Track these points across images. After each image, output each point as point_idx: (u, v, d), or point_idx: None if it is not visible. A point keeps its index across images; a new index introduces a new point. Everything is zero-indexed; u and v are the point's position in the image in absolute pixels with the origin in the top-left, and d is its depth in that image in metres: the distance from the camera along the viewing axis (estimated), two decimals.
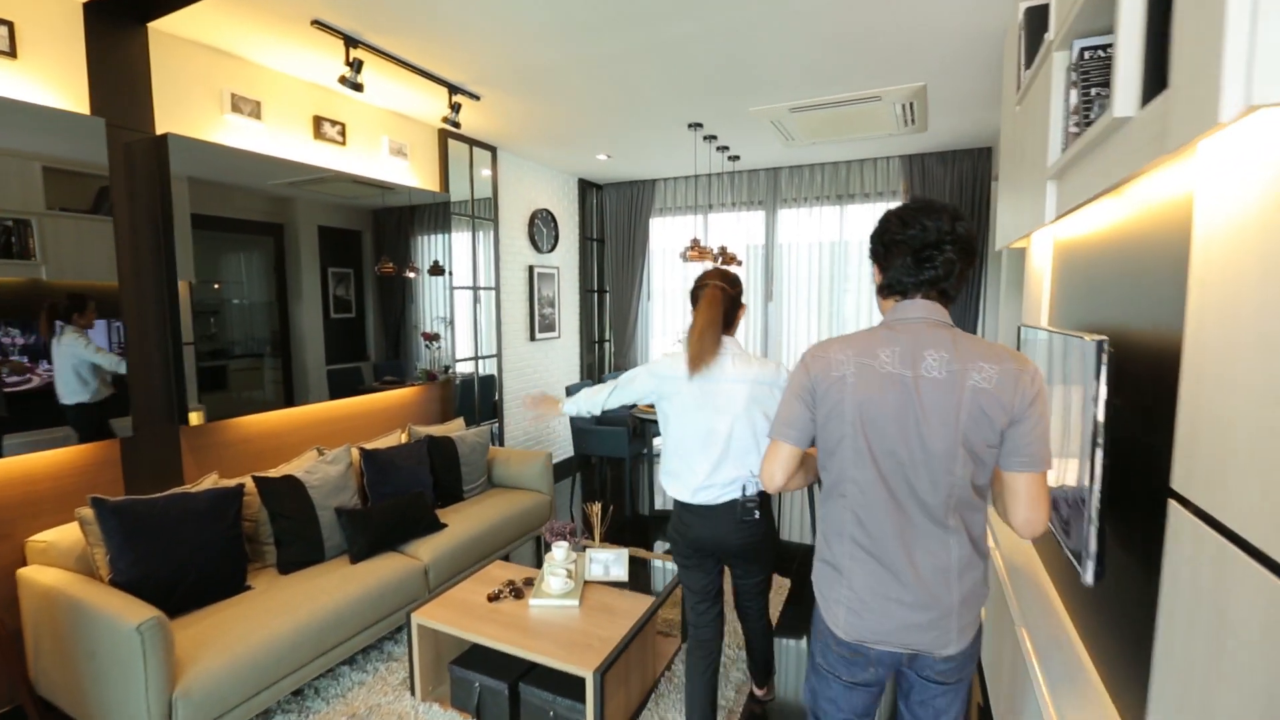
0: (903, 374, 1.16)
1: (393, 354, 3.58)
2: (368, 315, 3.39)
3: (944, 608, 1.18)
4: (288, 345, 2.96)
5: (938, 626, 1.19)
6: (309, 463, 2.66)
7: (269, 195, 2.81)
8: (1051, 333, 1.61)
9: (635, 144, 4.31)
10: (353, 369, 3.33)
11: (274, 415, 2.94)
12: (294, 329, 2.98)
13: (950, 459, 1.14)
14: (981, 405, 1.12)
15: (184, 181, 2.43)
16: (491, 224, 4.39)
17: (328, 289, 3.13)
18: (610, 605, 2.25)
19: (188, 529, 2.13)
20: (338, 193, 3.15)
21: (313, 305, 3.05)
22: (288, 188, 2.89)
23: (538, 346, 4.99)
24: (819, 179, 4.96)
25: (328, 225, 3.09)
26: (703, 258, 3.99)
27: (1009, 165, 2.26)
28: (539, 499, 3.45)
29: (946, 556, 1.17)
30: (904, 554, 1.18)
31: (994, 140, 4.18)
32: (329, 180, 3.10)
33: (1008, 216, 2.30)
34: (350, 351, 3.30)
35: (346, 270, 3.25)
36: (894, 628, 1.20)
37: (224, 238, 2.66)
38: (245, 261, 2.77)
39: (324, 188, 3.08)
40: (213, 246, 2.61)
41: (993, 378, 1.12)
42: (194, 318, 2.52)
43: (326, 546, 2.53)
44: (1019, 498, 1.15)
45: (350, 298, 3.28)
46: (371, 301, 3.41)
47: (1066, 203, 1.50)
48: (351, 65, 2.58)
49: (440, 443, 3.24)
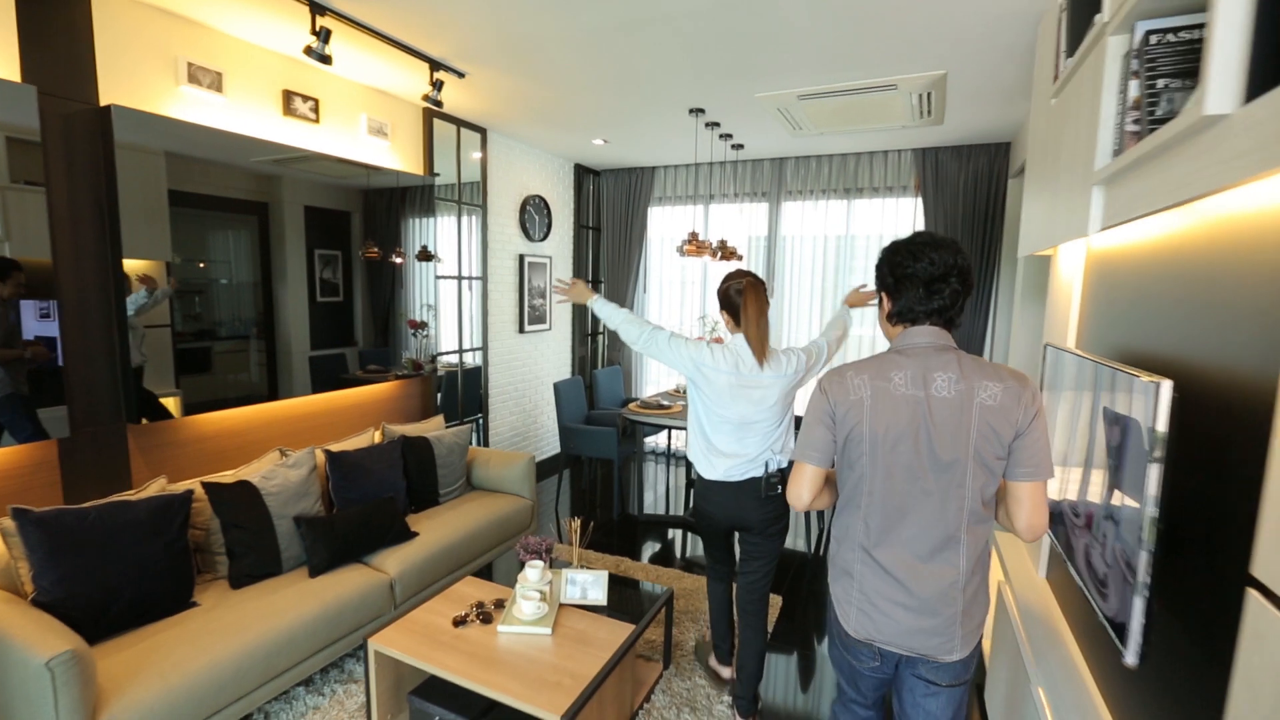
0: (915, 394, 1.26)
1: (381, 341, 3.46)
2: (356, 300, 3.27)
3: (949, 616, 1.27)
4: (272, 329, 2.84)
5: (942, 633, 1.28)
6: (268, 466, 2.47)
7: (252, 173, 2.68)
8: (1092, 362, 1.41)
9: (634, 129, 4.07)
10: (337, 355, 3.21)
11: (237, 412, 2.74)
12: (278, 312, 2.87)
13: (962, 472, 1.24)
14: (990, 422, 1.22)
15: (160, 156, 2.31)
16: (480, 210, 4.17)
17: (314, 271, 3.01)
18: (586, 634, 2.07)
19: (124, 542, 1.94)
20: (325, 172, 3.00)
21: (298, 288, 2.93)
22: (272, 165, 2.75)
23: (527, 339, 4.78)
24: (826, 171, 4.73)
25: (315, 205, 2.97)
26: (700, 252, 3.77)
27: (1039, 165, 2.04)
28: (520, 504, 3.27)
29: (954, 567, 1.27)
30: (912, 562, 1.28)
31: (1014, 135, 3.95)
32: (313, 159, 2.92)
33: (1036, 222, 2.09)
34: (337, 336, 3.19)
35: (334, 252, 3.12)
36: (900, 631, 1.30)
37: (205, 215, 2.54)
38: (228, 241, 2.66)
39: (310, 166, 2.92)
40: (193, 225, 2.50)
41: (997, 395, 1.23)
42: (174, 299, 2.44)
43: (284, 558, 2.35)
44: (1023, 505, 1.25)
45: (338, 281, 3.16)
46: (360, 286, 3.28)
47: (1119, 213, 1.29)
48: (318, 34, 2.35)
49: (415, 443, 3.05)
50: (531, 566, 2.21)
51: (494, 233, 4.34)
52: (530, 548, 2.31)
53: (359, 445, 2.90)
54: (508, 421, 4.62)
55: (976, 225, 4.18)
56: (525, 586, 2.19)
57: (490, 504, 3.17)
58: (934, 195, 4.30)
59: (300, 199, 2.90)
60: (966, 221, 4.21)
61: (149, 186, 2.31)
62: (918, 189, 4.43)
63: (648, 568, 3.36)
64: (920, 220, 4.45)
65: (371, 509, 2.61)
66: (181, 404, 2.49)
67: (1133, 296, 1.47)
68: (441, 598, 2.28)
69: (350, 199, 3.17)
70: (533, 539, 2.33)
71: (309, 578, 2.33)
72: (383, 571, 2.48)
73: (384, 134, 3.35)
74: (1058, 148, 1.77)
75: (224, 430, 2.72)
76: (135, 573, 1.94)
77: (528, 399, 4.84)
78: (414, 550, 2.61)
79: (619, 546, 3.65)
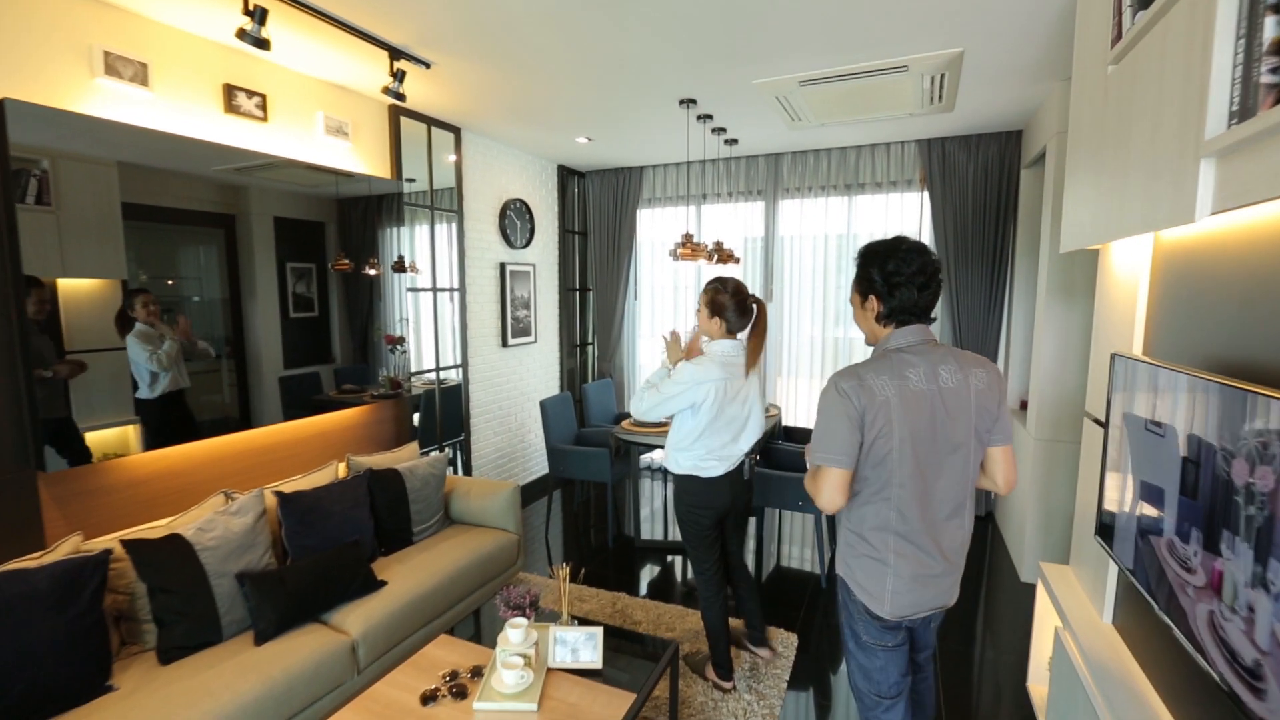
0: (930, 389, 1.39)
1: (360, 358, 3.23)
2: (332, 314, 3.06)
3: (958, 571, 1.51)
4: (242, 348, 2.64)
5: (956, 582, 1.51)
6: (207, 514, 2.14)
7: (215, 182, 2.50)
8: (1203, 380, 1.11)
9: (620, 125, 3.78)
10: (310, 375, 2.99)
11: (177, 451, 2.41)
12: (248, 330, 2.67)
13: (968, 450, 1.42)
14: (983, 403, 1.42)
15: (111, 167, 2.13)
16: (456, 216, 3.86)
17: (286, 286, 2.83)
18: (579, 710, 1.75)
19: (16, 620, 1.61)
20: (293, 180, 2.80)
21: (269, 303, 2.75)
22: (235, 174, 2.56)
23: (511, 353, 4.47)
24: (825, 166, 4.45)
25: (285, 216, 2.80)
26: (696, 255, 3.48)
27: (1091, 145, 1.76)
28: (504, 539, 2.95)
29: (962, 532, 1.48)
30: (933, 538, 1.44)
31: (1026, 122, 3.69)
32: (277, 166, 2.70)
33: (1085, 213, 1.81)
34: (313, 354, 3.01)
35: (308, 265, 2.93)
36: (930, 597, 1.47)
37: (169, 230, 2.38)
38: (197, 256, 2.50)
39: (276, 175, 2.73)
40: (157, 240, 2.34)
41: (984, 379, 1.43)
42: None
43: (224, 623, 2.02)
44: (1000, 465, 1.48)
45: (312, 295, 2.97)
46: (336, 300, 3.07)
47: (1246, 192, 1.00)
48: (252, 14, 2.04)
49: (384, 477, 2.73)
50: (513, 626, 1.89)
51: (472, 240, 4.03)
52: (512, 601, 1.99)
53: (319, 482, 2.57)
54: (492, 443, 4.29)
55: (988, 219, 3.92)
56: (506, 651, 1.86)
57: (471, 540, 2.85)
58: (941, 189, 4.03)
59: (269, 210, 2.72)
60: (977, 215, 3.94)
61: (99, 199, 2.10)
62: (923, 183, 4.16)
63: (647, 604, 3.04)
64: (927, 216, 4.18)
65: (331, 557, 2.28)
66: (141, 435, 2.26)
67: (1239, 298, 1.18)
68: (410, 665, 1.95)
69: (323, 209, 2.96)
70: (514, 590, 2.01)
71: (254, 646, 2.00)
72: (343, 632, 2.15)
73: (344, 134, 3.04)
74: (1125, 122, 1.49)
75: (164, 471, 2.38)
76: (32, 657, 1.61)
77: (513, 418, 4.52)
78: (382, 603, 2.28)
79: (615, 579, 3.33)
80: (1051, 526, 3.15)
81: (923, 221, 4.24)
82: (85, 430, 2.10)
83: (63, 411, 2.05)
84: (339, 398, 3.14)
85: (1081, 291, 2.98)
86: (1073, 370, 3.04)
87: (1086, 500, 2.01)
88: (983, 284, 3.96)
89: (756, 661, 2.58)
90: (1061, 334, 3.04)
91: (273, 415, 2.75)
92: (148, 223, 2.27)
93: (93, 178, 2.09)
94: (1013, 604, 3.08)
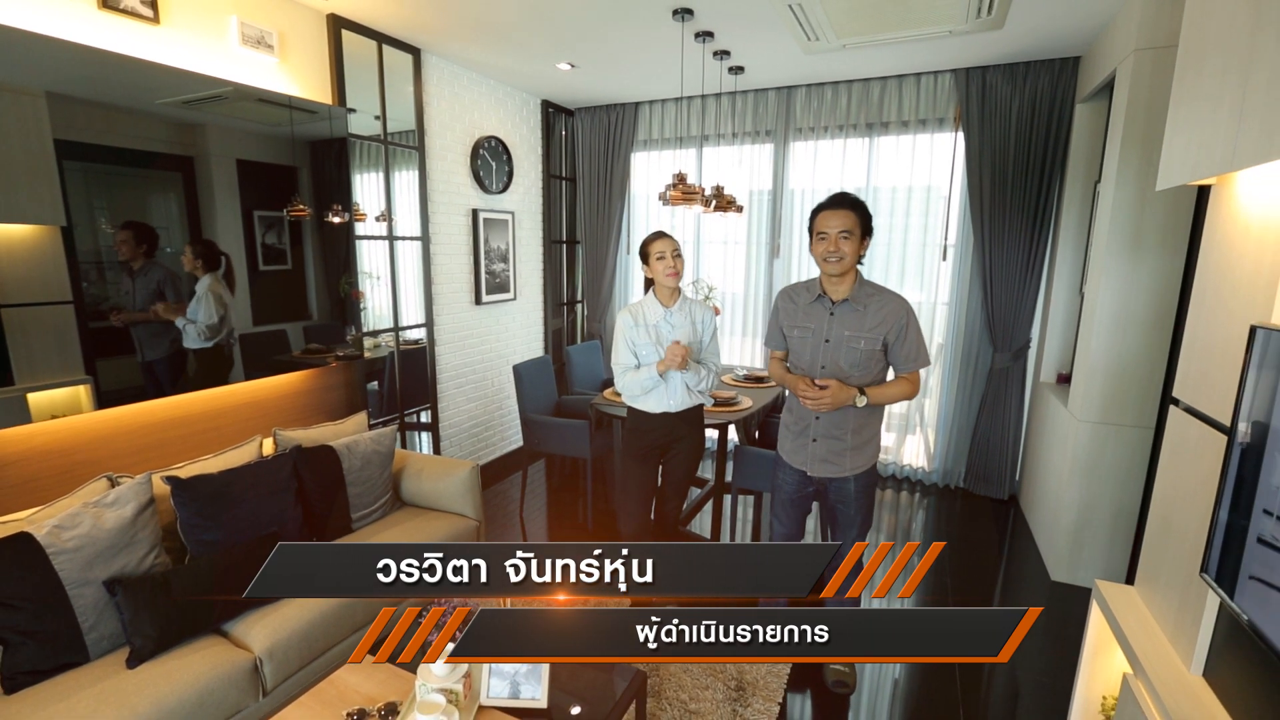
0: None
1: (337, 314, 2.95)
2: (309, 267, 2.82)
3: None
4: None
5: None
6: (76, 505, 1.75)
7: (165, 119, 2.24)
8: None
9: (605, 44, 3.23)
10: (276, 333, 2.72)
11: (62, 423, 2.01)
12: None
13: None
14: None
15: (38, 97, 1.88)
16: (416, 153, 3.36)
17: (254, 236, 2.59)
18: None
19: None
20: (252, 116, 2.51)
21: (233, 254, 2.50)
22: (185, 110, 2.28)
23: (486, 311, 4.02)
24: (844, 101, 3.88)
25: (250, 159, 2.55)
26: (690, 200, 2.99)
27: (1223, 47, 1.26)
28: (461, 525, 2.57)
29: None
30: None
31: (1086, 48, 3.11)
32: (230, 99, 2.38)
33: (1209, 134, 1.31)
34: (286, 310, 2.78)
35: (278, 214, 2.67)
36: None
37: (119, 173, 2.14)
38: (152, 203, 2.26)
39: (228, 109, 2.41)
40: (104, 183, 2.10)
41: None
42: (74, 271, 2.01)
43: (90, 640, 1.65)
44: None
45: (285, 246, 2.72)
46: (311, 251, 2.79)
47: None
48: None
49: (315, 455, 2.34)
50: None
51: (437, 182, 3.53)
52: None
53: (232, 463, 2.18)
54: (465, 410, 3.90)
55: (1033, 161, 3.38)
56: (427, 686, 1.49)
57: (421, 526, 2.47)
58: (979, 128, 3.48)
59: (230, 151, 2.47)
60: (1019, 160, 3.40)
61: (25, 134, 1.87)
62: (958, 122, 3.61)
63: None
64: (960, 161, 3.64)
65: (236, 555, 1.90)
66: (93, 393, 2.06)
67: None
68: (311, 696, 1.59)
69: (296, 152, 2.70)
70: (438, 605, 1.62)
71: (126, 668, 1.63)
72: (244, 648, 1.79)
73: (268, 45, 2.53)
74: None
75: (41, 449, 1.99)
76: None
77: (490, 383, 4.11)
78: (298, 609, 1.92)
79: None
80: (1093, 522, 2.74)
81: (955, 169, 3.70)
82: None
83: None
84: (299, 358, 2.82)
85: (1153, 244, 2.48)
86: (1134, 340, 2.56)
87: (1166, 513, 1.58)
88: (1020, 240, 3.45)
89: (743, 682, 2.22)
90: (1121, 295, 2.56)
91: (206, 380, 2.41)
92: (94, 163, 2.05)
93: (15, 107, 1.83)
94: (1041, 606, 2.69)
